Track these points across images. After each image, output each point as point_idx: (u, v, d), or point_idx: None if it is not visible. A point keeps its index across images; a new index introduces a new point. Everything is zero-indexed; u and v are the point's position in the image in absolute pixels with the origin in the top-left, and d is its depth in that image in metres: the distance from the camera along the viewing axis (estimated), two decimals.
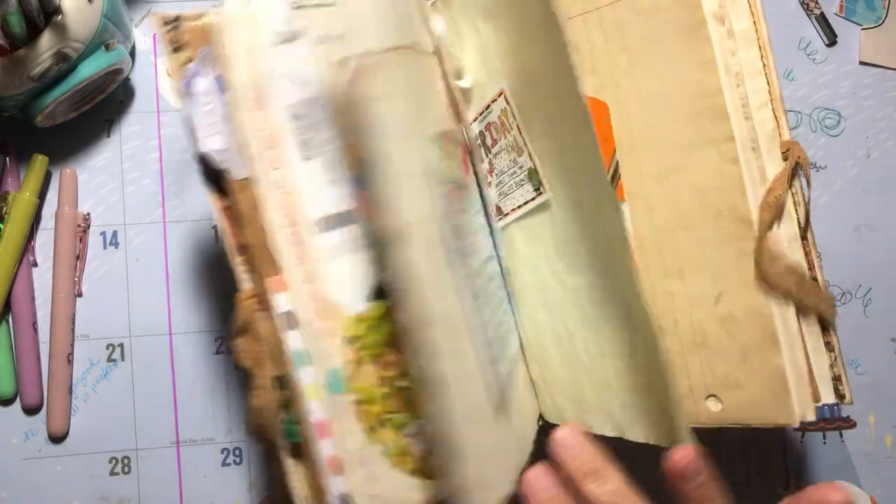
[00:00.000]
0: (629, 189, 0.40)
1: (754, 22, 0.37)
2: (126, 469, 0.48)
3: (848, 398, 0.38)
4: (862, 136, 0.53)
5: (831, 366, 0.38)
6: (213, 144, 0.33)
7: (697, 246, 0.38)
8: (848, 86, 0.53)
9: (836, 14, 0.53)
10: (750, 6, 0.38)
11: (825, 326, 0.38)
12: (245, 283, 0.34)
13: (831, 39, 0.53)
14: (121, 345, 0.48)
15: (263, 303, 0.34)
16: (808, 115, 0.53)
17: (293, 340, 0.33)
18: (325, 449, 0.33)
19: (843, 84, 0.53)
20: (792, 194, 0.38)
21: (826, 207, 0.53)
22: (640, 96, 0.38)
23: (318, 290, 0.35)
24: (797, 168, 0.37)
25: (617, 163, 0.39)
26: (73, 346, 0.48)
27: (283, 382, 0.34)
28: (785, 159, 0.37)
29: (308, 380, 0.33)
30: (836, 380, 0.38)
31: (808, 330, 0.38)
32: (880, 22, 0.53)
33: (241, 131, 0.33)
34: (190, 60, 0.33)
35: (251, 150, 0.33)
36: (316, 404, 0.34)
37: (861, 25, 0.53)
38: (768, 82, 0.37)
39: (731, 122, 0.35)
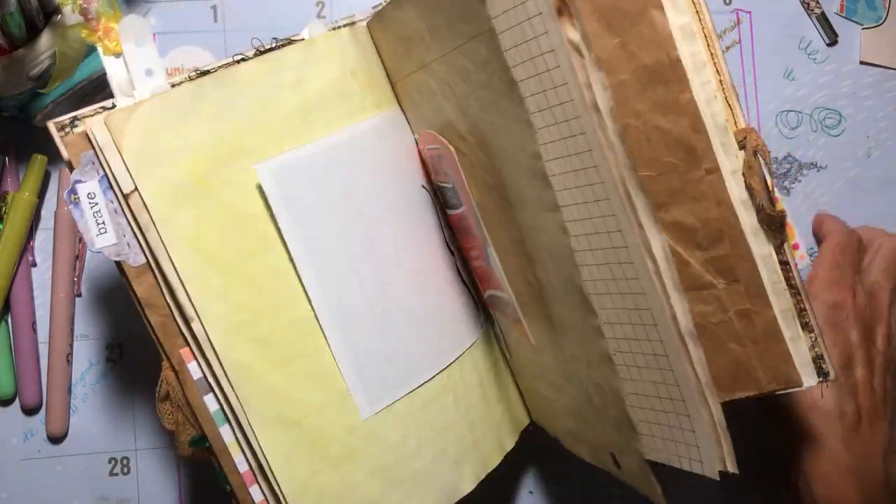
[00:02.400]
0: (495, 240, 0.39)
1: (697, 12, 0.35)
2: (125, 469, 0.48)
3: (832, 374, 0.36)
4: (862, 136, 0.53)
5: (812, 346, 0.36)
6: (104, 241, 0.35)
7: (563, 307, 0.36)
8: (848, 85, 0.53)
9: (836, 13, 0.53)
10: None
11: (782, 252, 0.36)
12: (164, 354, 0.37)
13: (832, 39, 0.53)
14: (120, 345, 0.48)
15: (179, 371, 0.37)
16: (808, 114, 0.53)
17: (211, 402, 0.36)
18: (254, 495, 0.37)
19: (843, 84, 0.53)
20: (750, 186, 0.35)
21: (826, 207, 0.53)
22: (497, 145, 0.35)
23: None
24: (757, 156, 0.35)
25: (474, 207, 0.37)
26: (72, 346, 0.48)
27: (209, 439, 0.37)
28: (742, 148, 0.35)
29: (229, 436, 0.36)
30: (819, 359, 0.36)
31: (782, 316, 0.36)
32: (881, 21, 0.53)
33: (132, 222, 0.35)
34: (72, 168, 0.35)
35: (147, 236, 0.35)
36: (240, 457, 0.37)
37: (862, 25, 0.53)
38: (717, 70, 0.35)
39: (553, 190, 0.32)
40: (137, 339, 0.49)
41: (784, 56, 0.53)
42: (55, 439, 0.48)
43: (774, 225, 0.36)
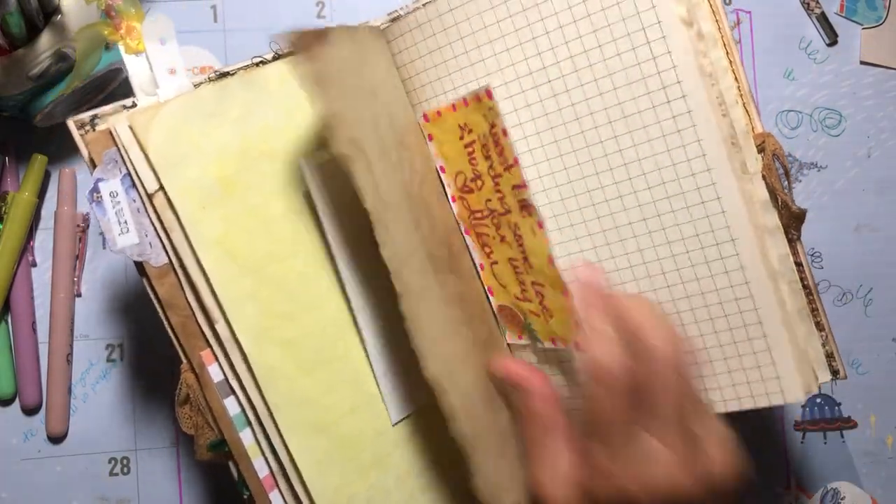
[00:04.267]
0: None
1: (717, 21, 0.37)
2: (125, 469, 0.48)
3: (842, 373, 0.39)
4: (862, 136, 0.53)
5: (823, 344, 0.39)
6: (126, 241, 0.35)
7: None
8: (849, 86, 0.53)
9: (836, 14, 0.53)
10: (711, 7, 0.37)
11: (792, 239, 0.39)
12: (183, 357, 0.36)
13: (832, 39, 0.53)
14: (120, 345, 0.48)
15: (199, 374, 0.36)
16: (808, 114, 0.53)
17: (232, 406, 0.36)
18: (274, 500, 0.36)
19: (843, 84, 0.53)
20: (773, 186, 0.38)
21: (826, 207, 0.53)
22: None
23: None
24: (774, 159, 0.38)
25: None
26: (72, 346, 0.48)
27: (228, 443, 0.36)
28: (761, 151, 0.38)
29: (250, 440, 0.36)
30: (830, 357, 0.39)
31: (798, 314, 0.38)
32: (881, 21, 0.53)
33: (156, 222, 0.35)
34: (94, 165, 0.35)
35: (172, 237, 0.35)
36: (260, 461, 0.36)
37: (862, 25, 0.53)
38: (736, 79, 0.37)
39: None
40: (137, 339, 0.49)
41: (784, 56, 0.53)
42: (55, 439, 0.48)
43: (795, 222, 0.38)
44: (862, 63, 0.53)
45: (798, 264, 0.39)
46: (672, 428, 0.33)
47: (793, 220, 0.38)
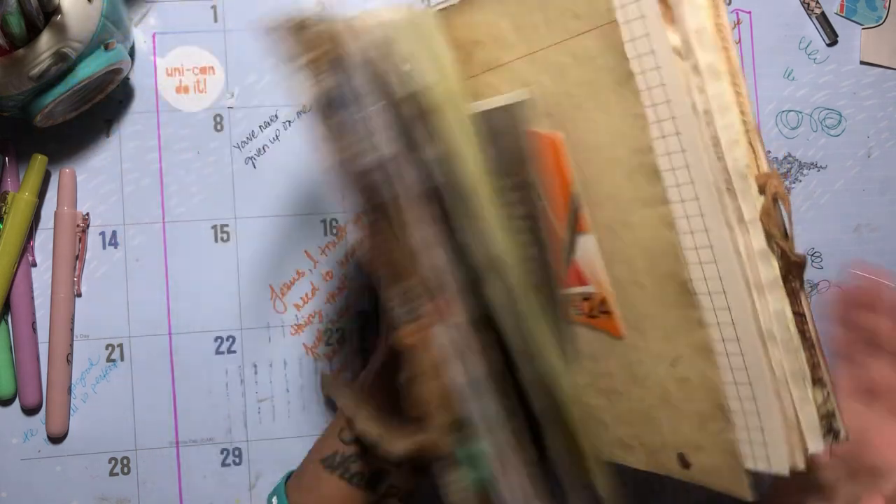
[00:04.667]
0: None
1: (725, 48, 0.34)
2: (125, 469, 0.48)
3: (843, 434, 0.35)
4: (862, 136, 0.53)
5: (823, 403, 0.34)
6: (369, 159, 0.30)
7: (651, 305, 0.36)
8: (849, 85, 0.53)
9: (836, 14, 0.53)
10: (715, 35, 0.34)
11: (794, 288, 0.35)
12: (405, 317, 0.30)
13: (832, 39, 0.53)
14: (120, 345, 0.48)
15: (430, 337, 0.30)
16: (808, 114, 0.53)
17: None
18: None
19: (843, 84, 0.53)
20: (769, 232, 0.34)
21: (826, 207, 0.53)
22: (587, 143, 0.35)
23: None
24: (776, 202, 0.34)
25: (576, 197, 0.37)
26: (72, 346, 0.48)
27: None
28: (762, 192, 0.34)
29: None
30: (830, 416, 0.35)
31: (792, 377, 0.34)
32: (881, 21, 0.53)
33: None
34: (325, 70, 0.30)
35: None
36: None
37: (862, 25, 0.53)
38: (742, 111, 0.34)
39: (662, 184, 0.33)
40: (137, 339, 0.49)
41: (784, 56, 0.53)
42: (55, 439, 0.48)
43: (796, 270, 0.34)
44: (862, 63, 0.53)
45: (800, 314, 0.35)
46: None
47: (793, 268, 0.34)
